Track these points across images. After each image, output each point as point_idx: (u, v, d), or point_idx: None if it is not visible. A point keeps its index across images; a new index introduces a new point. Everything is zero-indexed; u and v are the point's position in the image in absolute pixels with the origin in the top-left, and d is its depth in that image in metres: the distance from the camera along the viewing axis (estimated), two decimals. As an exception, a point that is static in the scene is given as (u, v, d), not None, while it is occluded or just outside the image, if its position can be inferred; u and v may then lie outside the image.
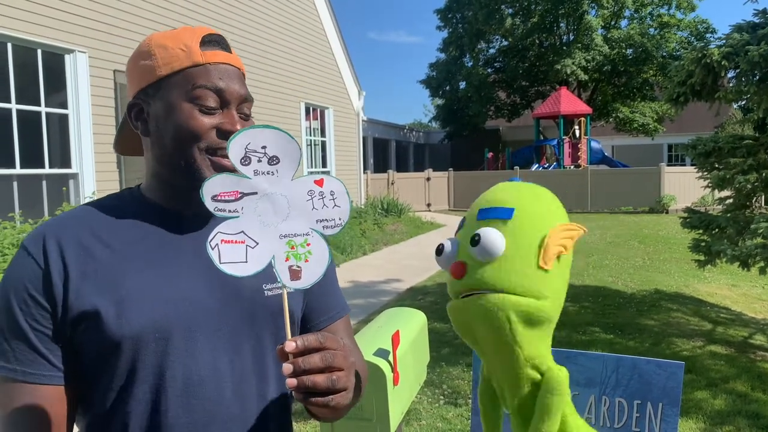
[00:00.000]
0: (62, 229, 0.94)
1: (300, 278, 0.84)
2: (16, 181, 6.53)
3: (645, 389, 1.53)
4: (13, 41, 6.37)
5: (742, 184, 4.84)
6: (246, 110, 1.00)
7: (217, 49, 0.98)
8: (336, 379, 0.78)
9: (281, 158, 0.83)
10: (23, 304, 0.90)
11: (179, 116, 0.95)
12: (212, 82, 0.95)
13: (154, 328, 0.90)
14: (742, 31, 4.80)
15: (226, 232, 0.83)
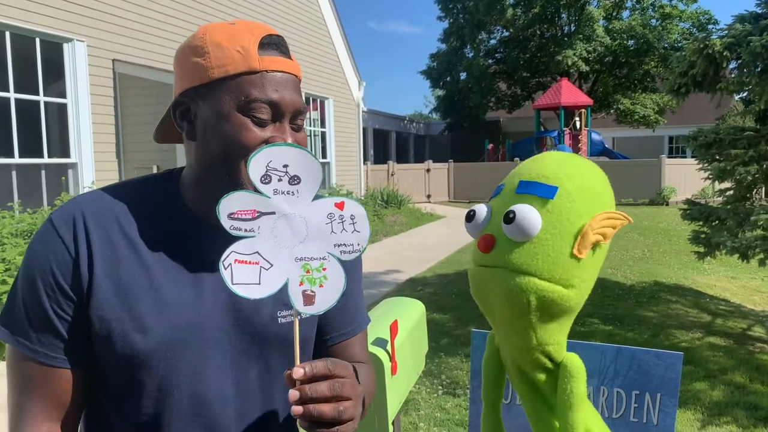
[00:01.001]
0: (92, 216, 0.90)
1: (313, 303, 0.82)
2: (15, 170, 6.51)
3: (644, 380, 1.53)
4: (11, 30, 6.34)
5: (742, 176, 4.83)
6: (299, 121, 0.93)
7: (275, 54, 0.90)
8: (343, 410, 0.76)
9: (302, 178, 0.81)
10: (50, 289, 0.87)
11: (230, 127, 0.88)
12: (267, 94, 0.88)
13: (167, 347, 0.89)
14: (745, 21, 4.78)
15: (240, 252, 0.81)
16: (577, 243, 0.87)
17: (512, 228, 0.89)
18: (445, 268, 8.32)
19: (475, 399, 1.68)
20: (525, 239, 0.89)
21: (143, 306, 0.88)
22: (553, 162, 0.94)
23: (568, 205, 0.89)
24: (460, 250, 9.66)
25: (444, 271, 8.09)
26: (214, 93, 0.89)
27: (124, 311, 0.88)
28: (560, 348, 0.94)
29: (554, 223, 0.88)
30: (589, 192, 0.90)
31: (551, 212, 0.89)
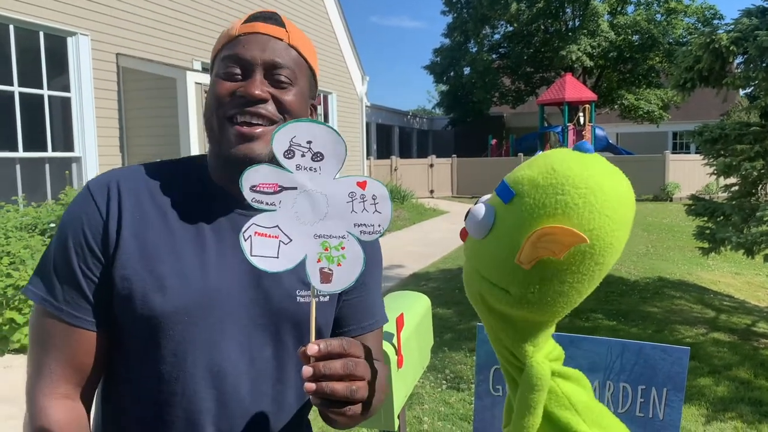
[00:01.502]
0: (127, 185, 0.94)
1: (330, 282, 0.82)
2: (19, 164, 6.52)
3: (650, 374, 1.52)
4: (15, 23, 6.33)
5: (748, 171, 4.81)
6: (282, 77, 0.94)
7: (257, 22, 0.96)
8: (356, 389, 0.76)
9: (326, 156, 0.81)
10: (79, 248, 0.91)
11: (209, 88, 0.97)
12: (235, 51, 0.94)
13: (184, 311, 0.90)
14: (752, 15, 4.75)
15: (260, 225, 0.81)
16: (519, 253, 0.82)
17: (467, 224, 0.91)
18: (448, 263, 8.32)
19: (481, 393, 1.68)
20: (478, 236, 0.89)
21: (165, 267, 0.90)
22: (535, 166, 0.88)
23: (518, 213, 0.83)
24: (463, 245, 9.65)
25: (447, 266, 8.09)
26: (213, 68, 0.99)
27: (147, 271, 0.89)
28: (522, 351, 0.91)
29: (502, 228, 0.86)
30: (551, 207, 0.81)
31: (502, 218, 0.86)
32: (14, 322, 4.55)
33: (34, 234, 5.42)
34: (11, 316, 4.53)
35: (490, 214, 0.87)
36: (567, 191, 0.81)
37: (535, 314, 0.87)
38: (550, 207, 0.81)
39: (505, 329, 0.91)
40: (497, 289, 0.86)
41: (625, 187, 0.85)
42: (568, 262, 0.81)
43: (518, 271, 0.83)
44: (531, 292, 0.84)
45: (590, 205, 0.80)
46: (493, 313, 0.90)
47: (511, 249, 0.83)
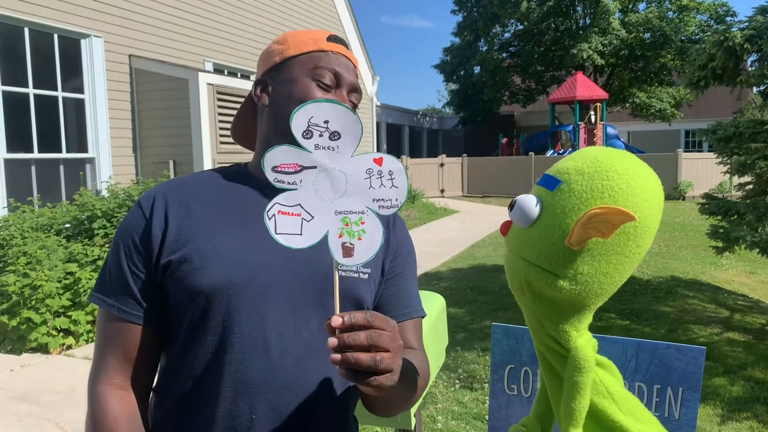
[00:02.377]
0: (172, 190, 1.05)
1: (352, 255, 0.84)
2: (34, 165, 6.59)
3: (665, 374, 1.52)
4: (29, 26, 6.41)
5: (763, 170, 4.77)
6: (354, 100, 1.09)
7: (340, 44, 1.10)
8: (380, 359, 0.78)
9: (342, 134, 0.84)
10: (127, 248, 1.01)
11: (299, 88, 1.04)
12: (331, 65, 1.06)
13: (230, 284, 0.96)
14: (766, 13, 4.71)
15: (283, 204, 0.84)
16: (569, 235, 0.88)
17: (513, 214, 0.95)
18: (459, 263, 8.31)
19: (496, 392, 1.68)
20: (525, 225, 0.93)
21: (208, 246, 0.98)
22: (578, 157, 0.96)
23: (567, 198, 0.90)
24: (474, 244, 9.64)
25: (459, 266, 8.08)
26: (289, 66, 1.07)
27: (192, 252, 0.98)
28: (566, 336, 0.96)
29: (551, 214, 0.91)
30: (596, 189, 0.89)
31: (550, 204, 0.92)
32: (31, 322, 4.61)
33: (50, 234, 5.48)
34: (28, 315, 4.58)
35: (538, 202, 0.93)
36: (611, 177, 0.89)
37: (582, 296, 0.92)
38: (597, 191, 0.89)
39: (550, 315, 0.95)
40: (546, 273, 0.91)
41: (656, 177, 0.94)
42: (614, 242, 0.89)
43: (568, 254, 0.90)
44: (580, 273, 0.90)
45: (633, 189, 0.89)
46: (540, 299, 0.94)
47: (561, 232, 0.89)
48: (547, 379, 1.03)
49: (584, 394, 0.93)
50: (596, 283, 0.91)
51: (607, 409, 0.97)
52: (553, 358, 0.98)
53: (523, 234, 0.94)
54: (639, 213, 0.87)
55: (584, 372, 0.93)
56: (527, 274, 0.93)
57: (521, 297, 0.98)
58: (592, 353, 0.95)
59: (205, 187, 1.07)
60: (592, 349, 0.97)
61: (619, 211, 0.85)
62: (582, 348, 0.94)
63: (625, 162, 0.92)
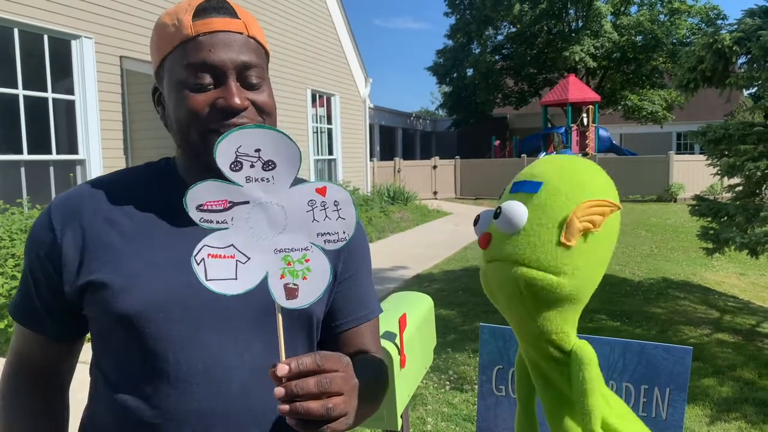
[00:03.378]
0: (88, 197, 0.94)
1: (296, 297, 0.76)
2: (23, 167, 6.55)
3: (652, 374, 1.52)
4: (19, 27, 6.37)
5: (752, 172, 4.80)
6: (254, 79, 0.90)
7: (211, 16, 0.88)
8: (332, 406, 0.73)
9: (278, 163, 0.74)
10: (34, 263, 0.94)
11: (174, 100, 0.89)
12: (200, 57, 0.86)
13: (157, 308, 0.87)
14: (755, 15, 4.74)
15: (213, 246, 0.75)
16: (564, 231, 0.89)
17: (500, 222, 0.94)
18: (451, 265, 8.31)
19: (484, 393, 1.68)
20: (513, 231, 0.93)
21: (132, 267, 0.88)
22: (545, 162, 0.99)
23: (554, 196, 0.92)
24: (467, 246, 9.65)
25: (451, 268, 8.08)
26: (165, 71, 0.91)
27: (113, 273, 0.88)
28: (566, 337, 0.96)
29: (540, 215, 0.91)
30: (577, 185, 0.92)
31: (537, 205, 0.92)
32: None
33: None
34: (16, 317, 4.55)
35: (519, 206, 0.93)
36: (594, 171, 0.96)
37: (579, 291, 0.94)
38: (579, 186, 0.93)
39: (550, 317, 0.95)
40: (546, 273, 0.91)
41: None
42: (600, 234, 0.92)
43: (564, 250, 0.90)
44: (577, 267, 0.91)
45: (606, 182, 0.96)
46: (540, 303, 0.93)
47: (555, 230, 0.90)
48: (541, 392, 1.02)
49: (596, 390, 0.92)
50: (590, 276, 0.94)
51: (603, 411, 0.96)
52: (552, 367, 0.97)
53: (514, 240, 0.92)
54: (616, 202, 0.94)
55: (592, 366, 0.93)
56: (527, 278, 0.91)
57: (518, 306, 0.95)
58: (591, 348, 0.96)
59: (129, 191, 0.95)
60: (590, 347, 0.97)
61: (610, 202, 0.91)
62: (583, 344, 0.95)
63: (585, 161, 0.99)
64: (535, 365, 1.02)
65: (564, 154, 1.48)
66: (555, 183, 0.93)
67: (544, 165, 0.98)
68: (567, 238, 0.89)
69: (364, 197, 13.31)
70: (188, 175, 0.97)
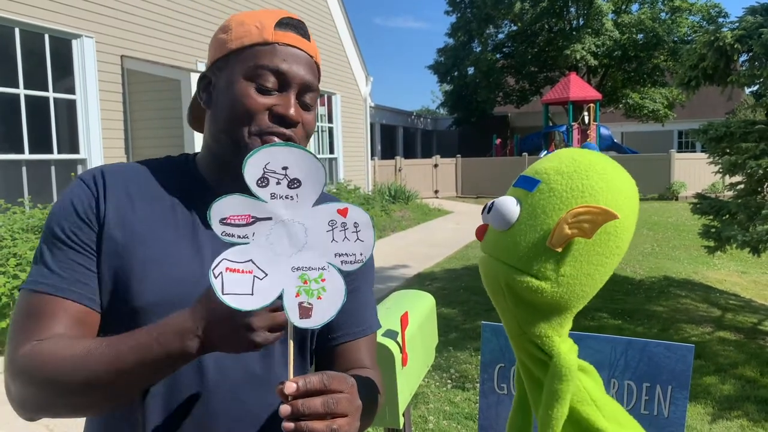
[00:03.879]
0: (115, 173, 0.94)
1: (310, 317, 0.76)
2: (25, 166, 6.56)
3: (654, 372, 1.52)
4: (20, 26, 6.37)
5: (753, 170, 4.79)
6: (309, 100, 0.94)
7: (291, 32, 0.93)
8: (337, 428, 0.72)
9: (303, 182, 0.75)
10: (72, 226, 0.89)
11: (235, 92, 0.91)
12: (274, 63, 0.90)
13: (167, 300, 0.87)
14: (756, 13, 4.73)
15: (232, 260, 0.75)
16: (551, 236, 0.85)
17: (491, 217, 0.91)
18: (452, 263, 8.31)
19: (486, 391, 1.68)
20: (503, 228, 0.90)
21: (149, 253, 0.89)
22: (555, 158, 0.94)
23: (547, 198, 0.88)
24: (468, 245, 9.65)
25: (452, 266, 8.08)
26: (230, 63, 0.93)
27: (132, 257, 0.88)
28: (550, 342, 0.93)
29: (531, 215, 0.88)
30: (575, 188, 0.87)
31: (530, 205, 0.89)
32: (21, 323, 4.57)
33: (40, 236, 5.45)
34: (18, 317, 4.55)
35: (517, 203, 0.90)
36: (591, 176, 0.88)
37: (564, 299, 0.89)
38: (577, 190, 0.87)
39: (532, 320, 0.92)
40: (527, 275, 0.88)
41: (631, 177, 0.93)
42: (595, 242, 0.87)
43: (550, 255, 0.86)
44: (562, 275, 0.87)
45: (612, 188, 0.88)
46: (521, 304, 0.91)
47: (542, 233, 0.86)
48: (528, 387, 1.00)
49: (564, 403, 0.90)
50: (578, 285, 0.89)
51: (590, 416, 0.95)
52: (535, 365, 0.95)
53: (502, 237, 0.91)
54: (619, 212, 0.85)
55: (566, 380, 0.90)
56: (507, 277, 0.89)
57: (501, 302, 0.94)
58: (575, 361, 0.93)
59: (151, 178, 0.96)
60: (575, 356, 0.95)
61: (603, 210, 0.84)
62: (565, 355, 0.92)
63: (603, 162, 0.91)
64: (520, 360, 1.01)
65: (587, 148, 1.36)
66: (552, 183, 0.89)
67: (550, 161, 0.94)
68: (553, 243, 0.85)
69: (365, 196, 13.31)
70: (211, 173, 0.98)
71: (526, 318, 0.92)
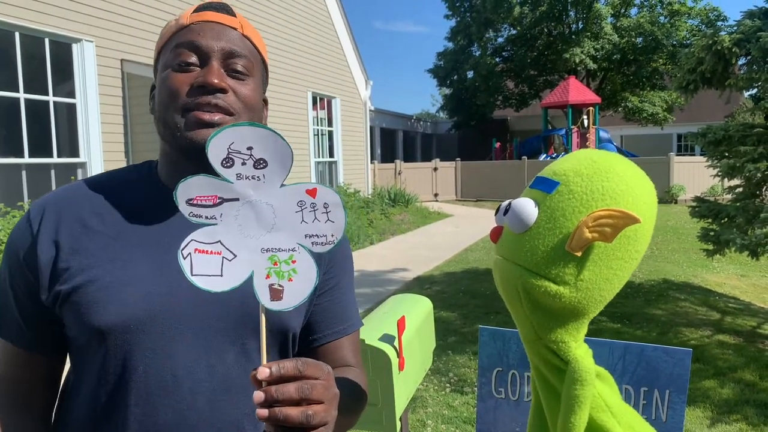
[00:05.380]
0: (67, 201, 0.93)
1: (281, 298, 0.75)
2: (24, 170, 6.56)
3: (652, 376, 1.52)
4: (20, 30, 6.38)
5: (752, 173, 4.79)
6: (239, 66, 0.91)
7: (208, 11, 0.92)
8: (312, 414, 0.70)
9: (269, 162, 0.74)
10: (12, 266, 0.91)
11: (161, 81, 0.91)
12: (189, 38, 0.89)
13: (131, 320, 0.86)
14: (754, 17, 4.74)
15: (200, 241, 0.74)
16: (570, 239, 0.83)
17: (508, 218, 0.89)
18: (452, 267, 8.31)
19: (484, 396, 1.68)
20: (521, 230, 0.88)
21: (109, 277, 0.86)
22: (573, 159, 0.92)
23: (567, 201, 0.85)
24: (468, 248, 9.65)
25: (451, 270, 8.08)
26: (159, 64, 0.94)
27: (87, 282, 0.86)
28: (566, 347, 0.91)
29: (549, 218, 0.86)
30: (595, 190, 0.85)
31: (548, 207, 0.87)
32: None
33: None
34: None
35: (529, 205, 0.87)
36: (611, 178, 0.86)
37: (582, 304, 0.88)
38: (597, 193, 0.85)
39: (548, 325, 0.90)
40: (546, 280, 0.86)
41: (650, 181, 0.92)
42: (614, 247, 0.85)
43: (569, 259, 0.84)
44: (581, 279, 0.85)
45: (633, 191, 0.86)
46: (537, 308, 0.89)
47: (562, 237, 0.84)
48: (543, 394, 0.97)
49: (584, 409, 0.88)
50: (597, 290, 0.87)
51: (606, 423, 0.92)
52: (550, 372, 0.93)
53: (519, 239, 0.88)
54: (640, 215, 0.83)
55: (585, 385, 0.88)
56: (525, 282, 0.87)
57: (517, 306, 0.91)
58: (592, 365, 0.91)
59: (106, 197, 0.93)
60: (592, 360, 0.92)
61: (625, 214, 0.81)
62: (582, 359, 0.90)
63: (623, 164, 0.89)
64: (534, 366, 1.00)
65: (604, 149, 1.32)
66: (571, 185, 0.87)
67: (568, 162, 0.91)
68: (572, 247, 0.83)
69: (365, 199, 13.31)
70: (167, 177, 0.96)
71: (542, 323, 0.90)
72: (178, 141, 0.89)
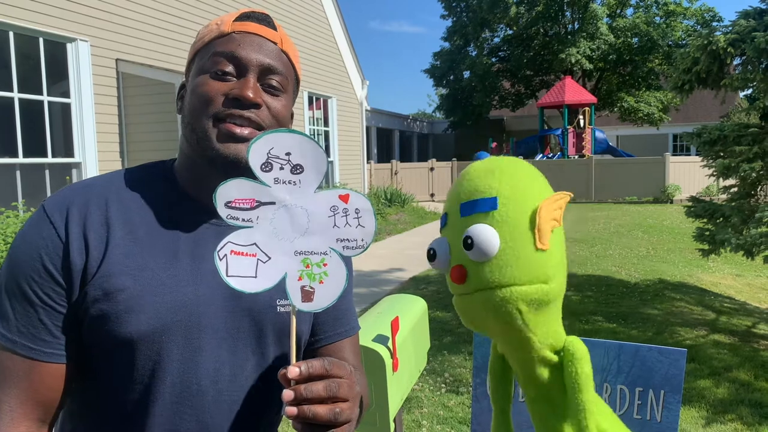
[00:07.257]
0: (89, 200, 0.88)
1: (312, 300, 0.78)
2: (19, 170, 6.53)
3: (647, 376, 1.52)
4: (14, 30, 6.35)
5: (747, 173, 4.81)
6: (274, 82, 0.91)
7: (251, 21, 0.92)
8: (339, 411, 0.73)
9: (306, 168, 0.77)
10: (36, 274, 0.83)
11: (195, 85, 0.90)
12: (229, 48, 0.89)
13: (162, 329, 0.85)
14: (749, 17, 4.75)
15: (236, 243, 0.77)
16: (537, 237, 0.88)
17: (474, 252, 0.89)
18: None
19: (478, 396, 1.67)
20: (489, 257, 0.89)
21: (138, 285, 0.84)
22: (481, 174, 0.95)
23: (513, 206, 0.90)
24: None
25: (447, 270, 8.07)
26: (194, 64, 0.93)
27: (118, 291, 0.83)
28: (559, 335, 0.96)
29: (509, 230, 0.89)
30: (526, 187, 0.92)
31: (501, 221, 0.90)
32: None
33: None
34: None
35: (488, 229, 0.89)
36: (535, 176, 0.96)
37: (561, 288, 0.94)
38: (529, 189, 0.93)
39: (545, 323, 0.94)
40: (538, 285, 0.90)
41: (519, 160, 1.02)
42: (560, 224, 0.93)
43: (542, 255, 0.90)
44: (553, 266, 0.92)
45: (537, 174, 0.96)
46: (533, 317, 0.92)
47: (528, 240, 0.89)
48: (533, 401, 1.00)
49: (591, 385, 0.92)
50: (563, 269, 0.94)
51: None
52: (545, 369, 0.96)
53: (495, 264, 0.89)
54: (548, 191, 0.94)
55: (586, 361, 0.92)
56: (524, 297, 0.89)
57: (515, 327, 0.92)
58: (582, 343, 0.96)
59: (128, 199, 0.90)
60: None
61: (564, 194, 0.91)
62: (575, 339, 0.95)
63: (506, 162, 0.97)
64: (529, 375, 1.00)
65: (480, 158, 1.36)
66: (507, 193, 0.91)
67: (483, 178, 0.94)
68: (542, 242, 0.88)
69: (361, 199, 13.28)
70: (186, 182, 0.94)
71: (539, 327, 0.93)
72: (205, 150, 0.88)
